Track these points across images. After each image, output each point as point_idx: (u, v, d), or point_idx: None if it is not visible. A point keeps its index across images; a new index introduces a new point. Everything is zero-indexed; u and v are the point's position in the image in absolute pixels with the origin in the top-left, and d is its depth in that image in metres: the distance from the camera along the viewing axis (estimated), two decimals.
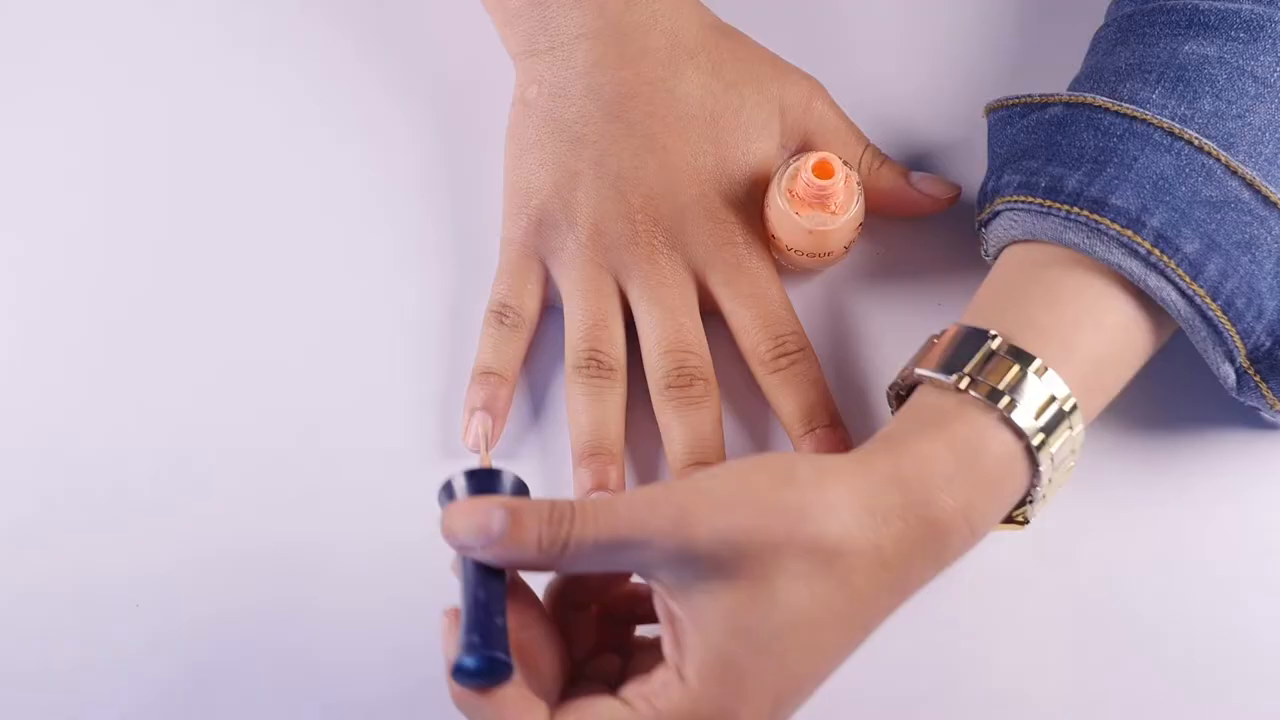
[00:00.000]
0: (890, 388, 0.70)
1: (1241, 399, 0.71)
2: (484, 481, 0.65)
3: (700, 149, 0.77)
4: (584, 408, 0.75)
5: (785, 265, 0.79)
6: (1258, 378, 0.70)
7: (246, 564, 0.74)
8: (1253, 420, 0.75)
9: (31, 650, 0.74)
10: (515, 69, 0.79)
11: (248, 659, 0.73)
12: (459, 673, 0.62)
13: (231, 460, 0.77)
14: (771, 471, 0.64)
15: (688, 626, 0.62)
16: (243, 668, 0.73)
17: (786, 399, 0.75)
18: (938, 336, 0.68)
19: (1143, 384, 0.72)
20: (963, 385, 0.66)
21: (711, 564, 0.62)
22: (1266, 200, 0.68)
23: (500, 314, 0.76)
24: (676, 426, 0.74)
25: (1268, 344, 0.69)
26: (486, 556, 0.63)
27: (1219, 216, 0.68)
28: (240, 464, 0.76)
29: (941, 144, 0.82)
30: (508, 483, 0.66)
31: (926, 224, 0.80)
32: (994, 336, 0.67)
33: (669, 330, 0.75)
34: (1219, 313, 0.68)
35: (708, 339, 0.76)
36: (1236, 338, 0.68)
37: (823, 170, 0.74)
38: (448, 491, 0.66)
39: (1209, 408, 0.76)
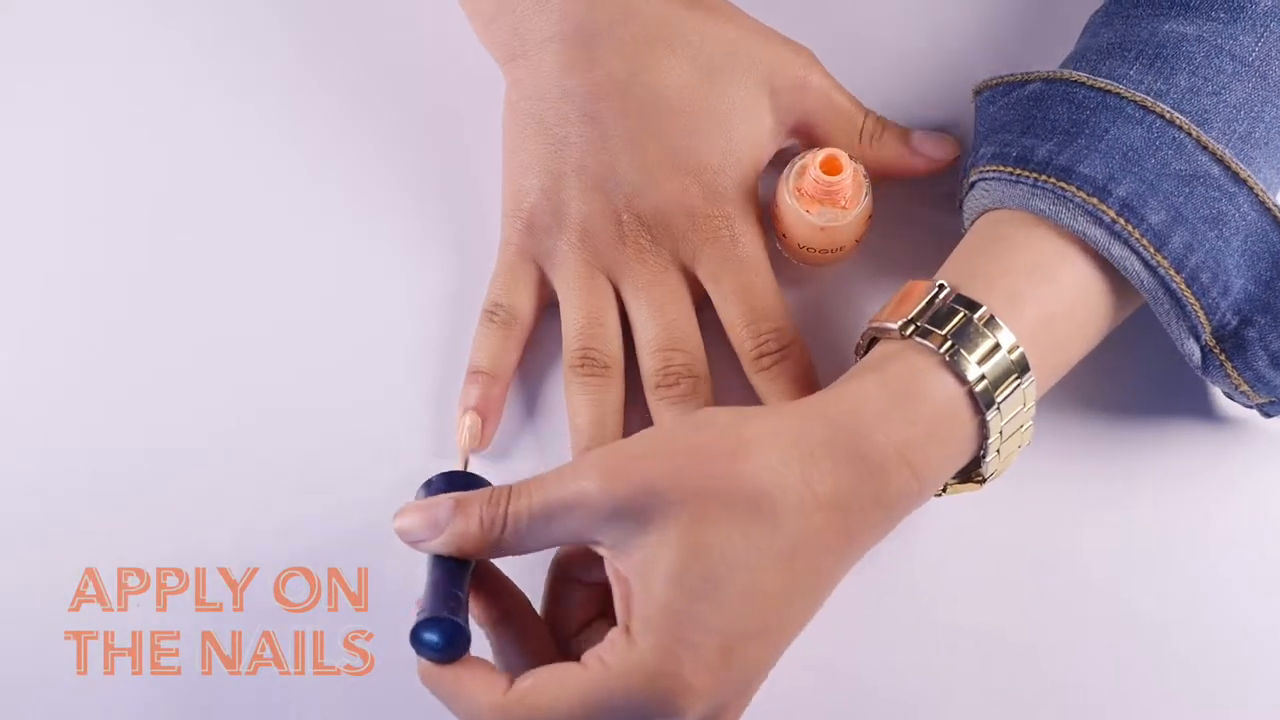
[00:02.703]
0: (855, 350, 0.71)
1: (1207, 378, 0.71)
2: (456, 483, 0.68)
3: (679, 143, 0.75)
4: (582, 406, 0.74)
5: (796, 263, 0.78)
6: (1222, 356, 0.69)
7: (241, 560, 0.74)
8: (1238, 412, 0.75)
9: (31, 648, 0.74)
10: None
11: (245, 657, 0.73)
12: (416, 641, 0.64)
13: (228, 459, 0.76)
14: (690, 421, 0.66)
15: (631, 584, 0.63)
16: (241, 665, 0.73)
17: (770, 398, 0.74)
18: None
19: (1124, 375, 0.73)
20: (907, 332, 0.66)
21: (640, 516, 0.62)
22: (1236, 177, 0.68)
23: (491, 312, 0.76)
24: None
25: (1234, 323, 0.69)
26: (437, 545, 0.66)
27: (1187, 190, 0.67)
28: (236, 463, 0.76)
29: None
30: (477, 487, 0.68)
31: (932, 220, 0.79)
32: (943, 287, 0.67)
33: (658, 329, 0.75)
34: (1183, 286, 0.67)
35: (708, 331, 0.76)
36: (1201, 313, 0.68)
37: (831, 166, 0.74)
38: (427, 490, 0.68)
39: (1190, 399, 0.76)
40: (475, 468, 0.74)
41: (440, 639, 0.64)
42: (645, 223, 0.75)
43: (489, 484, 0.68)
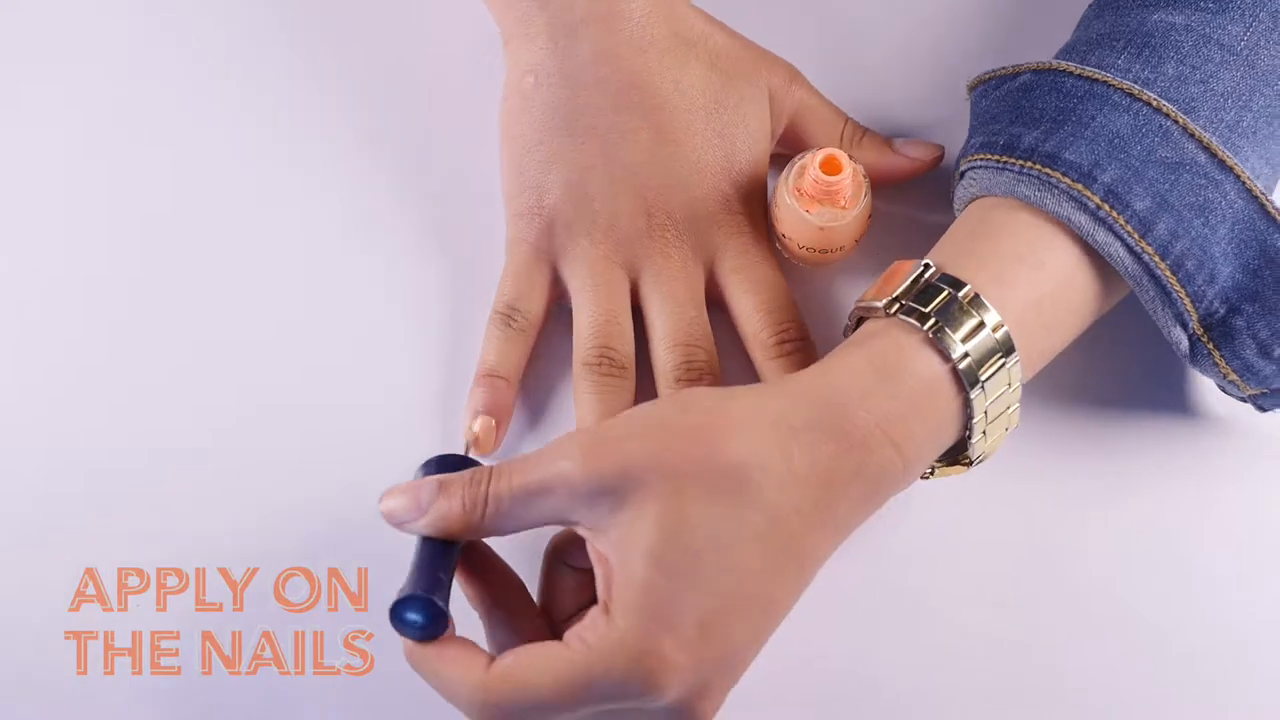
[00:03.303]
0: (843, 332, 0.71)
1: (1196, 368, 0.71)
2: (450, 465, 0.68)
3: (708, 141, 0.76)
4: (593, 405, 0.74)
5: (795, 263, 0.78)
6: (1210, 345, 0.69)
7: (241, 560, 0.74)
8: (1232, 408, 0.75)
9: (31, 648, 0.74)
10: (506, 54, 0.79)
11: (245, 657, 0.73)
12: (394, 619, 0.64)
13: (229, 459, 0.76)
14: (674, 402, 0.66)
15: (611, 563, 0.63)
16: (241, 665, 0.73)
17: None
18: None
19: (1116, 370, 0.74)
20: (892, 310, 0.66)
21: (619, 496, 0.62)
22: (1223, 165, 0.68)
23: (508, 316, 0.76)
24: None
25: (1221, 311, 0.69)
26: (421, 527, 0.66)
27: (1173, 178, 0.68)
28: (237, 463, 0.76)
29: (926, 126, 0.81)
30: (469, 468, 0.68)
31: (931, 220, 0.79)
32: (928, 266, 0.67)
33: (679, 324, 0.75)
34: (1167, 273, 0.67)
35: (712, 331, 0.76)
36: (1187, 300, 0.68)
37: (831, 166, 0.74)
38: (425, 471, 0.68)
39: (1182, 396, 0.76)
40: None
41: (417, 617, 0.64)
42: (675, 217, 0.76)
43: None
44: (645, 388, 0.75)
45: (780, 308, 0.75)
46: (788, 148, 0.79)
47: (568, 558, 0.69)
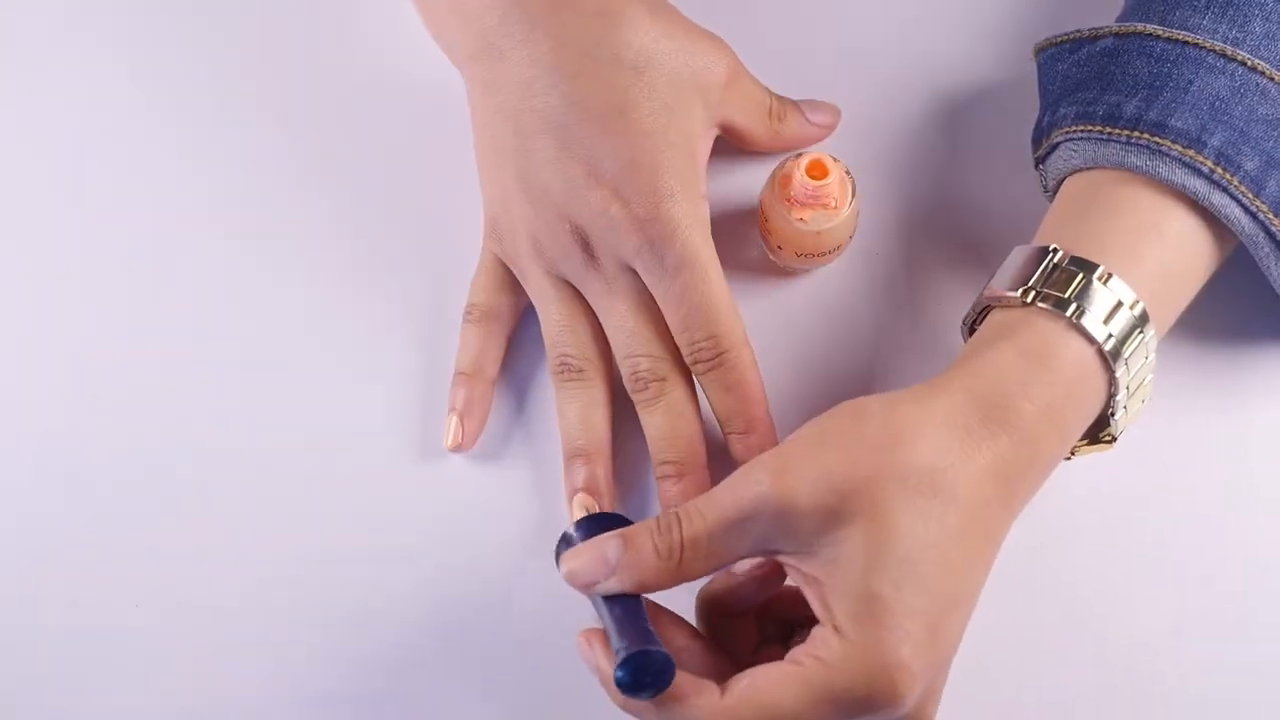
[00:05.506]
0: (963, 323, 0.72)
1: None
2: (602, 524, 0.67)
3: (598, 151, 0.74)
4: (566, 409, 0.75)
5: (788, 269, 0.78)
6: None
7: (237, 564, 0.75)
8: None
9: (31, 650, 0.74)
10: None
11: (241, 657, 0.73)
12: (624, 685, 0.62)
13: (218, 460, 0.76)
14: (845, 416, 0.66)
15: (825, 582, 0.63)
16: (236, 666, 0.73)
17: (712, 398, 0.75)
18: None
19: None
20: (1028, 299, 0.67)
21: (823, 516, 0.63)
22: None
23: (468, 312, 0.77)
24: (648, 424, 0.75)
25: None
26: (612, 585, 0.65)
27: (1276, 134, 0.69)
28: (226, 464, 0.76)
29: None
30: (619, 525, 0.67)
31: (925, 222, 0.80)
32: (1055, 250, 0.68)
33: (619, 338, 0.75)
34: None
35: None
36: None
37: (818, 171, 0.74)
38: (565, 542, 0.67)
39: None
40: (467, 467, 0.76)
41: (653, 681, 0.62)
42: (581, 233, 0.74)
43: (629, 520, 0.67)
44: None
45: (695, 324, 0.74)
46: (727, 130, 0.78)
47: (727, 607, 0.69)
